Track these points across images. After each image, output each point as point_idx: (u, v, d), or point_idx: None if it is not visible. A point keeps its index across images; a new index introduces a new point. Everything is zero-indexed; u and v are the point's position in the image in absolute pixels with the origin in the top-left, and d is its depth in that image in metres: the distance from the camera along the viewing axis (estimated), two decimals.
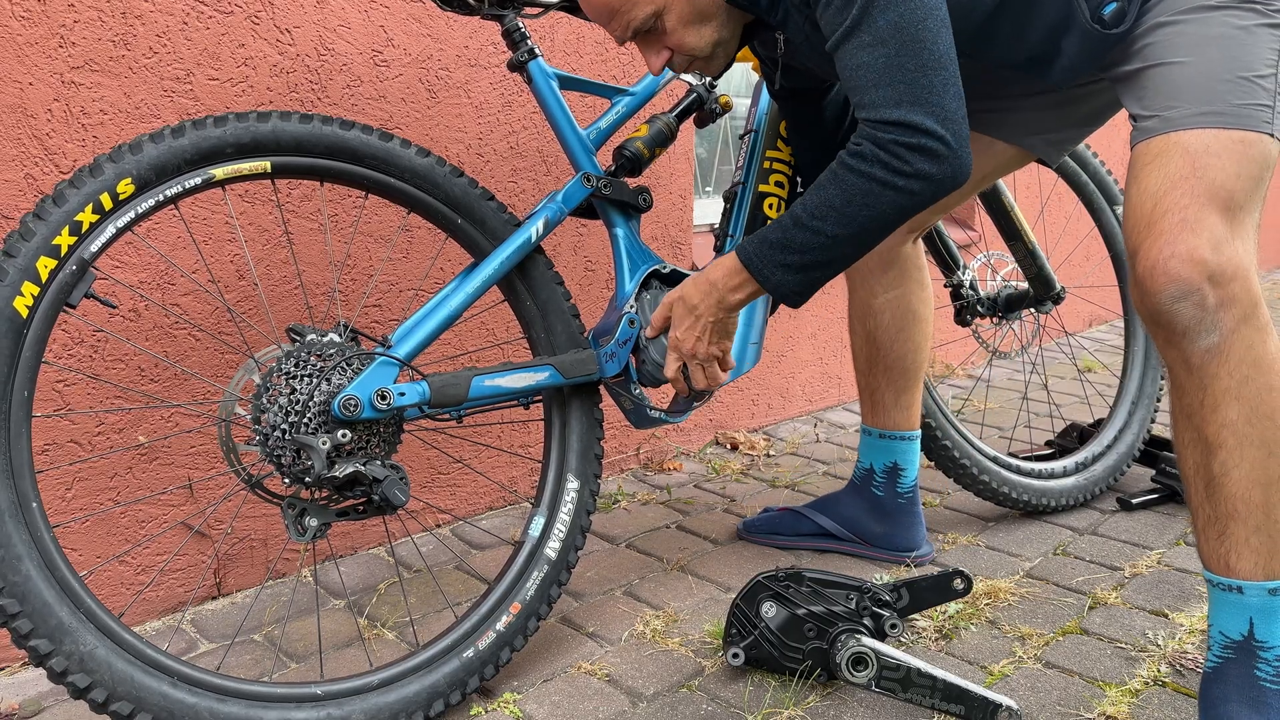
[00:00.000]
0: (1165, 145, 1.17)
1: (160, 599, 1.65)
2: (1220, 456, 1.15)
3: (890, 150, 1.18)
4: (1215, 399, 1.14)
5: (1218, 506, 1.17)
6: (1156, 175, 1.16)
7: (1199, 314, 1.12)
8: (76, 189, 1.17)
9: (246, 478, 1.32)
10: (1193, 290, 1.11)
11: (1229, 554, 1.17)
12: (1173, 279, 1.12)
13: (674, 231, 2.37)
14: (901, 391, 1.78)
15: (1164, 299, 1.13)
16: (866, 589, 1.39)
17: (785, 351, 2.73)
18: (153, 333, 1.59)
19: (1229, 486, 1.15)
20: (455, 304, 1.41)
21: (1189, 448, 1.19)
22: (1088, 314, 4.07)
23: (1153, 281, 1.13)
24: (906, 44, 1.15)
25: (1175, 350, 1.16)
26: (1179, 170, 1.15)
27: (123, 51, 1.50)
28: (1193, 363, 1.14)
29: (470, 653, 1.36)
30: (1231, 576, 1.17)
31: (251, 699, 1.21)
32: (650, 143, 1.56)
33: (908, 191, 1.19)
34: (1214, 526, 1.18)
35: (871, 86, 1.18)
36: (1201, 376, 1.14)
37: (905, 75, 1.16)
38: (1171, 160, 1.16)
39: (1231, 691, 1.17)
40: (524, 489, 2.14)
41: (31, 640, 1.09)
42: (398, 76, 1.82)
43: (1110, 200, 2.20)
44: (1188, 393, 1.17)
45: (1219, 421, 1.14)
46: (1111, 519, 2.03)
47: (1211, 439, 1.15)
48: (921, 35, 1.15)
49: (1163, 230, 1.13)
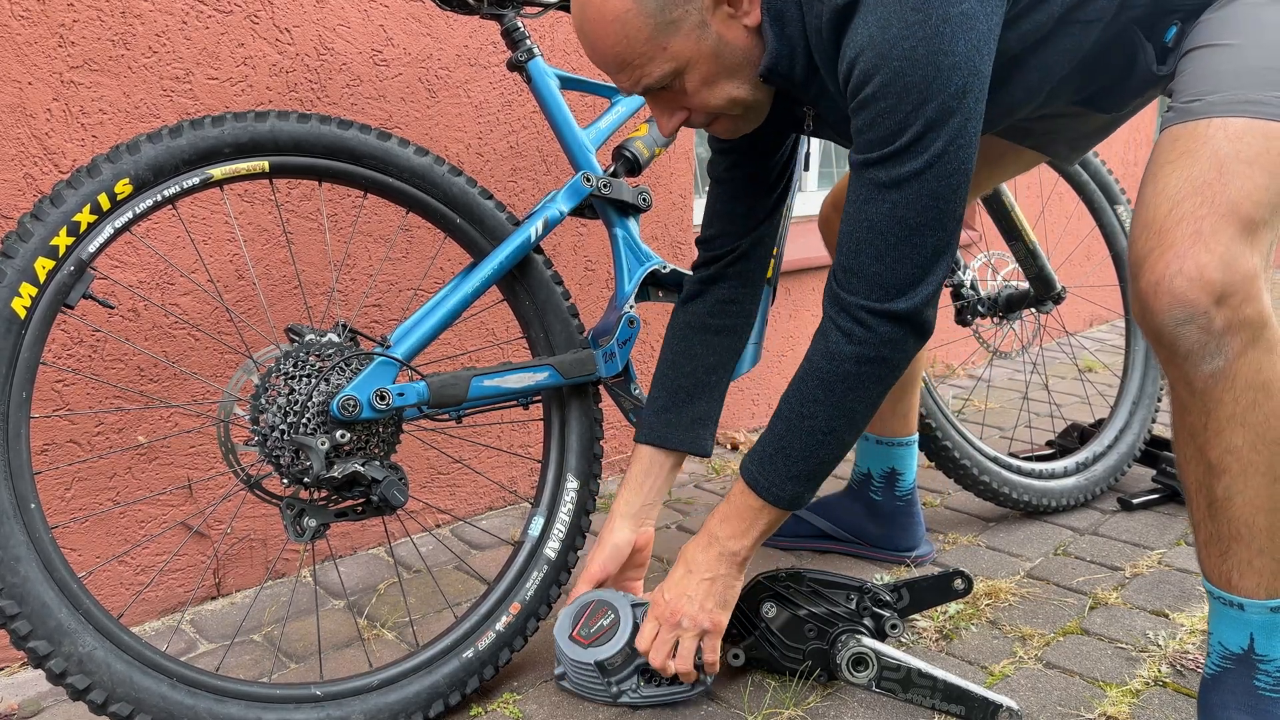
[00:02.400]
0: (1193, 142, 1.08)
1: (159, 599, 1.65)
2: (1224, 481, 1.09)
3: (855, 319, 1.15)
4: (1219, 424, 1.07)
5: (1220, 527, 1.12)
6: (1178, 177, 1.07)
7: (1204, 338, 1.04)
8: (74, 189, 1.17)
9: (245, 478, 1.32)
10: (1198, 314, 1.03)
11: (1231, 572, 1.13)
12: (1178, 300, 1.04)
13: (674, 231, 2.37)
14: (899, 399, 1.77)
15: (1167, 320, 1.05)
16: (867, 589, 1.39)
17: (785, 351, 2.73)
18: (152, 333, 1.59)
19: (1232, 511, 1.10)
20: (454, 304, 1.40)
21: (1191, 464, 1.13)
22: (1088, 314, 4.07)
23: (1156, 300, 1.05)
24: (921, 196, 1.10)
25: (1177, 370, 1.09)
26: (1203, 175, 1.05)
27: (122, 51, 1.50)
28: (1196, 386, 1.07)
29: (470, 653, 1.36)
30: (1233, 593, 1.14)
31: (251, 700, 1.21)
32: (650, 143, 1.56)
33: (890, 365, 1.17)
34: (1216, 545, 1.14)
35: (865, 229, 1.13)
36: (1205, 400, 1.07)
37: (902, 231, 1.11)
38: (1197, 162, 1.06)
39: (1230, 699, 1.16)
40: (524, 489, 2.14)
41: (31, 641, 1.09)
42: (397, 76, 1.81)
43: (1111, 200, 2.20)
44: (1191, 413, 1.10)
45: (1223, 447, 1.08)
46: (1112, 519, 2.03)
47: (1215, 463, 1.10)
48: (939, 190, 1.10)
49: (1173, 241, 1.05)
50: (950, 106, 1.06)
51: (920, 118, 1.06)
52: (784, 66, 1.18)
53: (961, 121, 1.08)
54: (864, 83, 1.08)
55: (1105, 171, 2.17)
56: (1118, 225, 2.22)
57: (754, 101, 1.23)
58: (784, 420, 1.22)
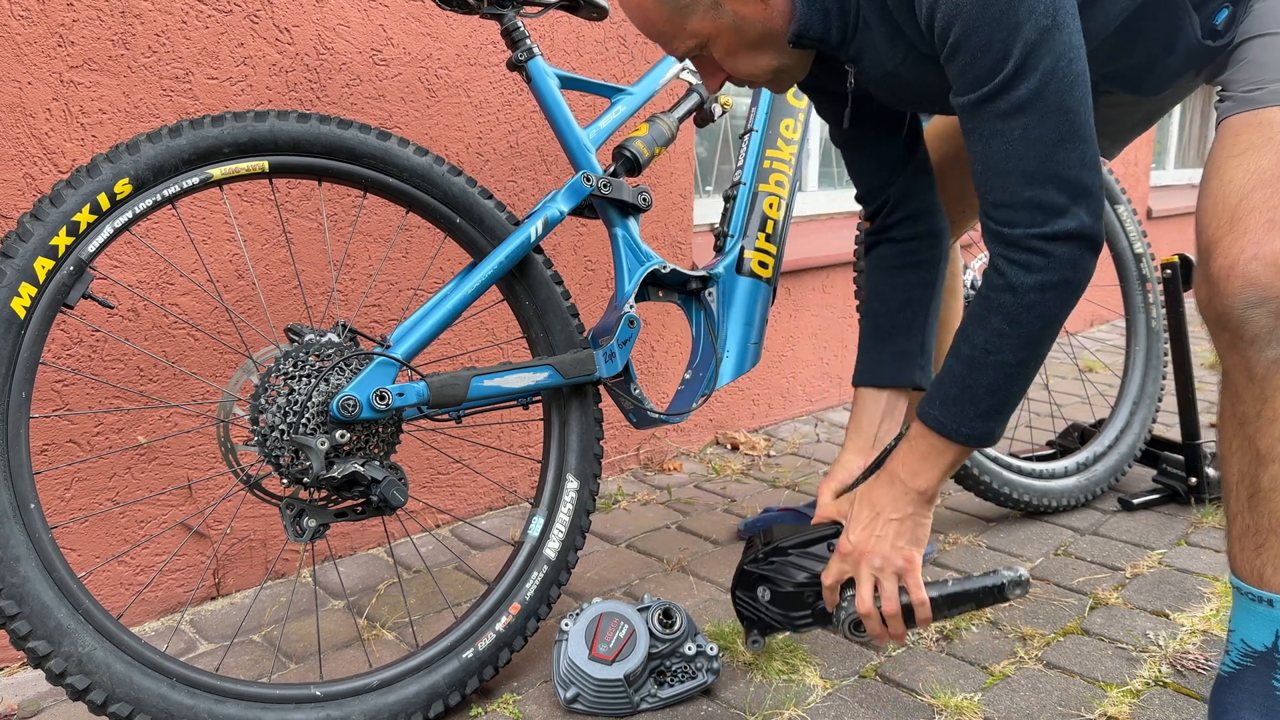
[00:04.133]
0: (1257, 136, 1.09)
1: (159, 599, 1.65)
2: (1272, 470, 1.10)
3: (1028, 249, 1.11)
4: (1275, 411, 1.08)
5: (1260, 519, 1.12)
6: (1245, 169, 1.08)
7: (1272, 323, 1.05)
8: (74, 189, 1.17)
9: (245, 478, 1.32)
10: (1270, 297, 1.04)
11: (1265, 567, 1.13)
12: (1251, 283, 1.05)
13: (674, 231, 2.37)
14: None
15: (1237, 303, 1.06)
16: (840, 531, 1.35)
17: (786, 351, 2.72)
18: (151, 333, 1.59)
19: (1275, 502, 1.10)
20: (454, 304, 1.40)
21: (1236, 454, 1.13)
22: (1089, 314, 4.06)
23: (1228, 283, 1.06)
24: (1049, 113, 1.07)
25: (1238, 356, 1.10)
26: (1271, 167, 1.07)
27: (121, 51, 1.50)
28: (1256, 372, 1.08)
29: (470, 653, 1.36)
30: (1264, 589, 1.13)
31: (250, 700, 1.21)
32: (650, 142, 1.56)
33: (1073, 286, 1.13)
34: (1252, 537, 1.13)
35: (1002, 159, 1.10)
36: (1264, 387, 1.08)
37: (1042, 149, 1.08)
38: (1264, 155, 1.08)
39: (1245, 699, 1.15)
40: (524, 489, 2.14)
41: (30, 642, 1.09)
42: (397, 75, 1.81)
43: (1112, 200, 2.20)
44: (1244, 400, 1.11)
45: (1275, 435, 1.09)
46: (1113, 519, 2.03)
47: (1265, 451, 1.10)
48: (1066, 103, 1.07)
49: (1247, 228, 1.05)
50: (1044, 23, 1.06)
51: (1019, 40, 1.05)
52: (816, 30, 1.19)
53: (1063, 35, 1.07)
54: (950, 22, 1.07)
55: (1106, 171, 2.16)
56: (1118, 225, 2.22)
57: (785, 66, 1.24)
58: (965, 361, 1.19)
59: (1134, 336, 2.24)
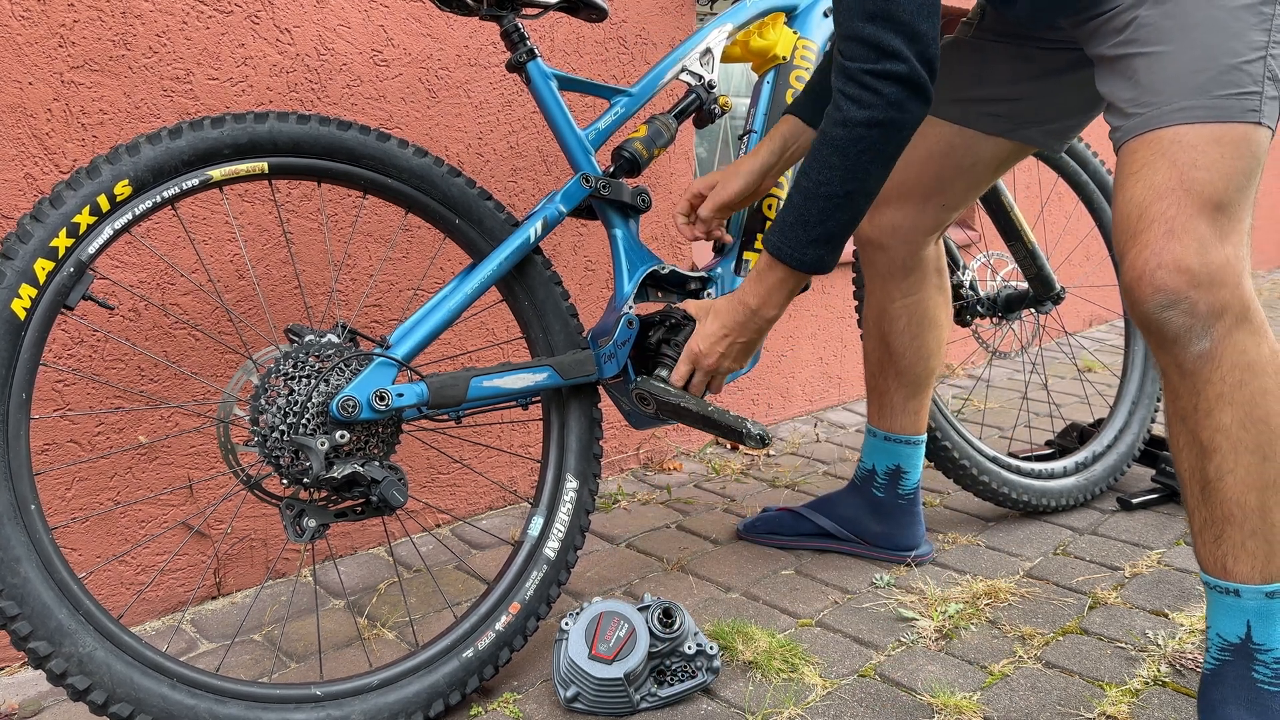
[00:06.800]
0: (1149, 153, 1.16)
1: (160, 599, 1.65)
2: (1215, 461, 1.15)
3: (861, 84, 1.19)
4: (1209, 404, 1.14)
5: (1213, 510, 1.17)
6: (1142, 185, 1.16)
7: (1188, 321, 1.12)
8: (74, 191, 1.17)
9: (245, 478, 1.32)
10: (1180, 299, 1.11)
11: (1225, 557, 1.17)
12: (1159, 288, 1.12)
13: (674, 231, 2.37)
14: (911, 396, 1.77)
15: (1152, 307, 1.13)
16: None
17: (785, 351, 2.73)
18: (152, 333, 1.59)
19: (1224, 491, 1.15)
20: (454, 304, 1.40)
21: (1184, 450, 1.19)
22: (1088, 314, 4.07)
23: (1140, 290, 1.14)
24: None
25: (1168, 355, 1.16)
26: (1165, 181, 1.14)
27: (122, 51, 1.50)
28: (1185, 368, 1.14)
29: (470, 653, 1.36)
30: (1228, 579, 1.17)
31: (251, 700, 1.21)
32: (649, 143, 1.56)
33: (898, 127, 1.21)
34: (1210, 530, 1.18)
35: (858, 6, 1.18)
36: (1195, 381, 1.14)
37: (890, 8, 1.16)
38: (1157, 171, 1.15)
39: (1229, 694, 1.17)
40: (523, 489, 2.14)
41: (31, 642, 1.09)
42: (397, 76, 1.81)
43: (1110, 199, 2.20)
44: (1181, 396, 1.17)
45: (1213, 426, 1.14)
46: (1111, 519, 2.03)
47: (1206, 443, 1.15)
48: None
49: (1150, 240, 1.13)
50: None
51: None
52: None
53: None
54: None
55: (1104, 171, 2.17)
56: None
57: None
58: (801, 191, 1.28)
59: (1132, 336, 2.24)
